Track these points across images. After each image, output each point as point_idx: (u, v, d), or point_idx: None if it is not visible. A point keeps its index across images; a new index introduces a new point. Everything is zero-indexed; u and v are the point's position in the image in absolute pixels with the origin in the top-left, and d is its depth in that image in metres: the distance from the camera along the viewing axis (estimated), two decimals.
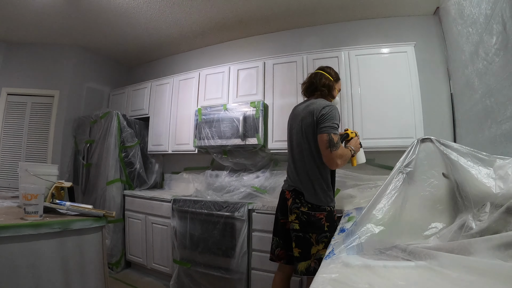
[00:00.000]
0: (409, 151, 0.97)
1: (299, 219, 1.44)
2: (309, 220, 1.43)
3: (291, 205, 1.49)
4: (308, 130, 1.49)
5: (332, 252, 0.83)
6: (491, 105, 1.43)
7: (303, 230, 1.42)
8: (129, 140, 2.98)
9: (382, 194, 0.91)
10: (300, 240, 1.43)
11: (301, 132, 1.53)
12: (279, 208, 1.61)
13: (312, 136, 1.48)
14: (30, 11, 2.63)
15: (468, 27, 1.65)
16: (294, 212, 1.46)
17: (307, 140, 1.50)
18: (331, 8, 2.54)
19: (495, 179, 0.81)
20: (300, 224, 1.43)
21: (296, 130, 1.57)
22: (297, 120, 1.58)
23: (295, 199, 1.48)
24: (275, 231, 1.63)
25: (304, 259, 1.41)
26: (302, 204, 1.45)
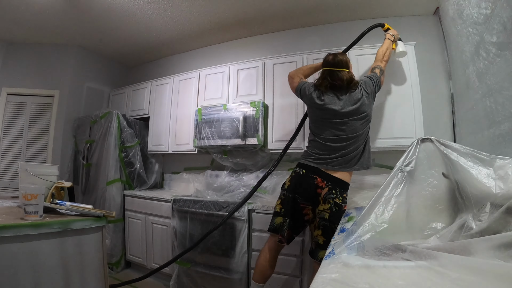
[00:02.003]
0: (409, 151, 0.97)
1: (331, 209, 1.47)
2: (339, 211, 1.47)
3: (326, 195, 1.49)
4: (358, 112, 1.56)
5: (332, 252, 0.83)
6: (490, 105, 1.43)
7: (331, 221, 1.45)
8: (129, 140, 2.98)
9: (382, 194, 0.91)
10: (327, 229, 1.46)
11: (349, 118, 1.55)
12: (299, 191, 1.56)
13: (364, 118, 1.59)
14: (30, 11, 2.63)
15: (468, 27, 1.65)
16: (329, 202, 1.48)
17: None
18: (331, 8, 2.54)
19: (495, 179, 0.81)
20: (331, 214, 1.46)
21: (339, 121, 1.56)
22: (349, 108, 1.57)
23: (331, 189, 1.50)
24: (287, 212, 1.57)
25: (326, 247, 1.45)
26: (337, 196, 1.49)
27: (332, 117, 1.57)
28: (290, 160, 2.64)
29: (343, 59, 1.64)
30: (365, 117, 1.59)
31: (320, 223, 1.49)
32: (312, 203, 1.54)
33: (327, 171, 1.55)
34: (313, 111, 1.66)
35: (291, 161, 2.63)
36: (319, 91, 1.63)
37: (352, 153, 1.56)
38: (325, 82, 1.61)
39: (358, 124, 1.56)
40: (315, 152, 1.59)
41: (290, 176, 1.64)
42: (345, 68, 1.62)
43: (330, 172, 1.54)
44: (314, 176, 1.55)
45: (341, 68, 1.61)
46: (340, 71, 1.60)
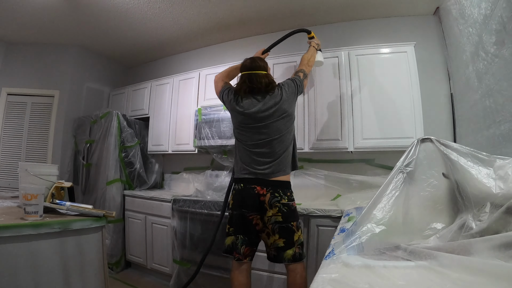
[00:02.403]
0: (409, 151, 0.97)
1: (281, 211, 1.48)
2: (290, 209, 1.50)
3: (271, 200, 1.49)
4: (281, 112, 1.56)
5: (332, 252, 0.83)
6: (490, 105, 1.43)
7: (286, 221, 1.48)
8: (129, 140, 2.98)
9: (382, 194, 0.91)
10: (284, 230, 1.48)
11: (272, 120, 1.55)
12: (244, 205, 1.54)
13: (287, 117, 1.59)
14: (30, 11, 2.63)
15: (469, 27, 1.65)
16: (276, 206, 1.48)
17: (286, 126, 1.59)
18: (331, 8, 2.54)
19: (495, 179, 0.81)
20: (283, 215, 1.48)
21: (262, 124, 1.56)
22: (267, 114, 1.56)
23: (273, 193, 1.50)
24: (238, 229, 1.54)
25: (290, 247, 1.47)
26: (282, 197, 1.50)
27: (253, 121, 1.56)
28: None
29: (260, 63, 1.65)
30: (286, 116, 1.58)
31: (274, 228, 1.48)
32: (259, 212, 1.52)
33: (264, 178, 1.53)
34: (235, 116, 1.64)
35: None
36: (239, 96, 1.63)
37: (282, 156, 1.56)
38: (244, 86, 1.61)
39: (280, 124, 1.56)
40: (246, 164, 1.58)
41: (232, 194, 1.63)
42: (264, 71, 1.63)
43: (267, 178, 1.53)
44: (253, 186, 1.53)
45: (262, 70, 1.62)
46: (258, 74, 1.60)
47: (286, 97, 1.58)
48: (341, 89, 2.24)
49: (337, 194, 2.28)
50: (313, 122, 2.30)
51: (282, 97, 1.57)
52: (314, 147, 2.27)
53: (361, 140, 2.13)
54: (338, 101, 2.23)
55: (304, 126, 2.32)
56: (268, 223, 1.50)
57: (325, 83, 2.31)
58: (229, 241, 1.55)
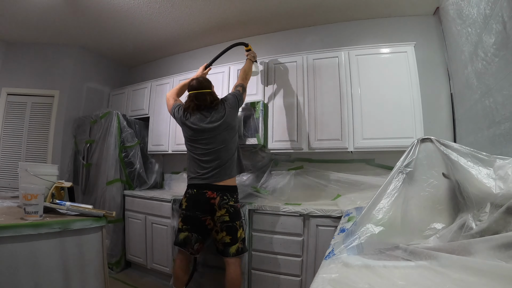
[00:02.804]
0: (409, 151, 0.97)
1: (229, 212, 1.73)
2: (236, 210, 1.77)
3: (220, 202, 1.72)
4: (224, 125, 1.80)
5: (332, 252, 0.83)
6: (490, 105, 1.43)
7: (232, 220, 1.74)
8: (129, 140, 2.98)
9: (382, 194, 0.91)
10: (230, 229, 1.74)
11: (217, 132, 1.78)
12: (197, 208, 1.75)
13: (230, 129, 1.83)
14: (30, 11, 2.63)
15: (467, 27, 1.65)
16: (224, 207, 1.72)
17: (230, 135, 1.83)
18: (331, 8, 2.54)
19: (495, 179, 0.81)
20: (230, 215, 1.73)
21: (209, 135, 1.78)
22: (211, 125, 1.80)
23: (223, 197, 1.73)
24: (192, 228, 1.76)
25: (234, 243, 1.74)
26: (229, 199, 1.74)
27: (202, 134, 1.78)
28: (290, 160, 2.64)
29: (205, 83, 1.88)
30: (230, 128, 1.83)
31: (222, 226, 1.73)
32: (210, 214, 1.73)
33: (214, 183, 1.74)
34: (186, 131, 1.86)
35: (291, 161, 2.63)
36: (187, 112, 1.85)
37: (228, 162, 1.79)
38: (192, 103, 1.83)
39: (225, 136, 1.80)
40: (197, 171, 1.79)
41: (185, 196, 1.82)
42: (208, 89, 1.87)
43: (217, 183, 1.74)
44: (205, 191, 1.73)
45: (205, 89, 1.85)
46: (203, 92, 1.83)
47: (229, 111, 1.83)
48: (341, 89, 2.24)
49: (337, 194, 2.28)
50: (313, 122, 2.30)
51: (225, 111, 1.82)
52: (314, 147, 2.27)
53: (361, 140, 2.13)
54: (338, 101, 2.23)
55: (304, 126, 2.32)
56: (217, 222, 1.74)
57: (325, 83, 2.31)
58: (182, 236, 1.77)
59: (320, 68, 2.34)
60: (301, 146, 2.30)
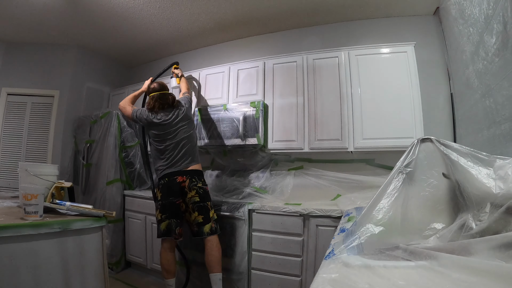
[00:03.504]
0: (409, 151, 0.97)
1: (198, 193, 1.92)
2: (205, 192, 1.96)
3: (190, 184, 1.92)
4: (186, 118, 2.11)
5: (332, 252, 0.83)
6: (490, 105, 1.43)
7: (202, 200, 1.92)
8: (129, 140, 2.98)
9: (382, 194, 0.91)
10: (202, 208, 1.91)
11: (180, 124, 2.06)
12: (171, 194, 1.92)
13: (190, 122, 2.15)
14: (30, 11, 2.63)
15: (469, 27, 1.65)
16: (194, 189, 1.92)
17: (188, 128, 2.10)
18: (331, 8, 2.54)
19: (495, 179, 0.81)
20: (200, 196, 1.92)
21: (175, 128, 2.04)
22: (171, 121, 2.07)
23: (191, 179, 1.94)
24: (170, 214, 1.92)
25: (207, 222, 1.89)
26: (198, 181, 1.95)
27: (169, 128, 2.03)
28: (290, 160, 2.64)
29: (165, 86, 2.21)
30: (190, 121, 2.16)
31: (194, 207, 1.91)
32: (182, 197, 1.92)
33: (183, 169, 1.97)
34: (153, 129, 2.06)
35: (291, 161, 2.63)
36: (153, 112, 2.08)
37: (192, 150, 2.06)
38: (157, 104, 2.07)
39: (187, 128, 2.09)
40: (164, 163, 1.99)
41: (158, 188, 2.01)
42: (168, 91, 2.20)
43: (185, 169, 1.97)
44: (175, 177, 1.94)
45: (167, 91, 2.18)
46: (165, 93, 2.14)
47: (186, 108, 2.17)
48: (341, 89, 2.24)
49: (337, 194, 2.28)
50: (313, 122, 2.30)
51: (185, 108, 2.15)
52: (314, 147, 2.27)
53: (361, 140, 2.13)
54: (338, 101, 2.23)
55: (304, 126, 2.32)
56: (189, 203, 1.91)
57: (325, 83, 2.31)
58: (163, 226, 1.91)
59: (320, 68, 2.34)
60: (301, 146, 2.30)
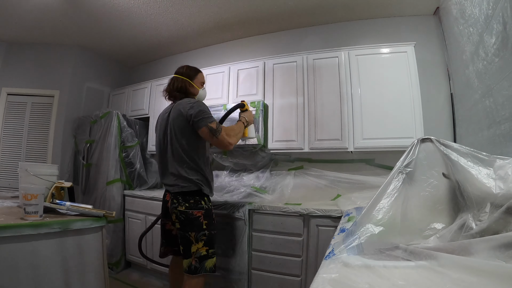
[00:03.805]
0: (409, 151, 0.97)
1: (178, 218, 1.50)
2: (187, 218, 1.48)
3: (170, 206, 1.53)
4: (180, 128, 1.53)
5: (332, 252, 0.83)
6: (490, 105, 1.43)
7: (183, 229, 1.49)
8: (129, 140, 2.98)
9: (382, 194, 0.91)
10: (182, 238, 1.50)
11: (173, 133, 1.55)
12: (162, 211, 1.69)
13: (186, 134, 1.53)
14: (30, 11, 2.63)
15: (469, 27, 1.65)
16: (174, 213, 1.51)
17: (180, 139, 1.53)
18: (331, 8, 2.54)
19: (495, 179, 0.81)
20: (180, 223, 1.50)
21: (167, 133, 1.60)
22: (165, 124, 1.63)
23: (173, 200, 1.52)
24: (161, 232, 1.72)
25: (186, 257, 1.48)
26: (180, 204, 1.49)
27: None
28: (290, 160, 2.64)
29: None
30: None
31: (179, 233, 1.53)
32: (169, 218, 1.60)
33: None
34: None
35: (291, 161, 2.63)
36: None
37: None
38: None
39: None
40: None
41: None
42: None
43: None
44: (166, 192, 1.62)
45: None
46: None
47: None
48: (341, 89, 2.24)
49: (337, 194, 2.28)
50: (313, 122, 2.30)
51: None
52: (314, 147, 2.27)
53: (361, 140, 2.13)
54: (338, 101, 2.23)
55: (304, 126, 2.32)
56: (174, 228, 1.57)
57: (325, 83, 2.31)
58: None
59: (320, 68, 2.34)
60: (301, 146, 2.30)
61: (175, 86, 1.66)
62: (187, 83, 1.67)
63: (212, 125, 1.47)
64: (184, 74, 1.69)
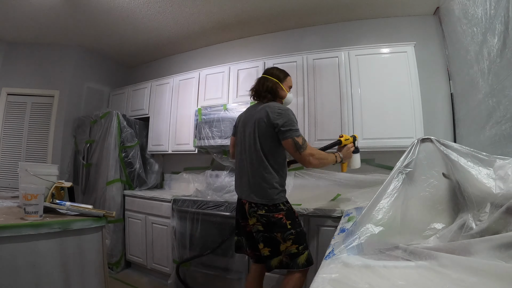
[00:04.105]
0: (409, 151, 0.97)
1: (260, 222, 1.45)
2: (269, 221, 1.43)
3: (249, 210, 1.48)
4: (264, 132, 1.48)
5: (332, 252, 0.83)
6: (492, 105, 1.43)
7: (268, 231, 1.44)
8: (129, 140, 2.98)
9: (382, 195, 0.91)
10: (268, 240, 1.44)
11: (256, 134, 1.51)
12: (238, 212, 1.63)
13: (268, 139, 1.48)
14: (30, 11, 2.63)
15: (473, 27, 1.64)
16: (254, 216, 1.46)
17: (259, 143, 1.49)
18: (331, 8, 2.54)
19: (495, 179, 0.81)
20: (263, 225, 1.44)
21: (249, 134, 1.55)
22: (250, 124, 1.56)
23: (251, 204, 1.48)
24: (238, 232, 1.66)
25: (276, 256, 1.44)
26: (259, 208, 1.45)
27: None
28: None
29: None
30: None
31: (258, 236, 1.46)
32: (246, 220, 1.53)
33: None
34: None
35: None
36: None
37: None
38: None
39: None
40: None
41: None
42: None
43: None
44: (239, 197, 1.59)
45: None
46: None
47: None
48: (341, 89, 2.24)
49: (337, 194, 2.28)
50: (313, 122, 2.30)
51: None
52: (314, 147, 2.26)
53: (361, 140, 2.13)
54: (338, 101, 2.23)
55: (304, 126, 2.32)
56: (253, 231, 1.49)
57: (325, 83, 2.31)
58: (236, 239, 1.67)
59: (320, 68, 2.34)
60: None
61: (265, 86, 1.59)
62: (278, 85, 1.60)
63: (298, 139, 1.43)
64: (274, 75, 1.62)
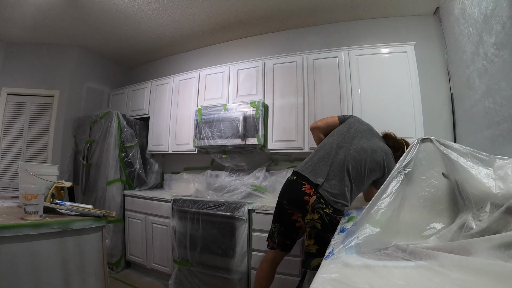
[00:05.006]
0: (409, 151, 0.97)
1: (322, 219, 1.39)
2: (331, 222, 1.39)
3: (315, 204, 1.41)
4: (372, 167, 1.51)
5: (332, 252, 0.83)
6: (489, 105, 1.43)
7: (324, 230, 1.39)
8: (129, 140, 2.98)
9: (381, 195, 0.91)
10: (321, 239, 1.40)
11: (365, 155, 1.50)
12: (287, 197, 1.52)
13: (370, 173, 1.51)
14: (30, 11, 2.63)
15: (469, 27, 1.65)
16: (318, 212, 1.40)
17: (365, 166, 1.50)
18: (331, 8, 2.54)
19: (495, 179, 0.81)
20: (323, 224, 1.39)
21: (361, 145, 1.54)
22: (367, 140, 1.56)
23: (320, 199, 1.41)
24: (276, 218, 1.57)
25: (320, 256, 1.37)
26: (327, 206, 1.40)
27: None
28: (290, 160, 2.64)
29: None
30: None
31: (312, 232, 1.42)
32: (300, 211, 1.46)
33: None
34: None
35: (290, 161, 2.63)
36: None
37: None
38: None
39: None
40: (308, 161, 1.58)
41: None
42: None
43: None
44: (303, 182, 1.47)
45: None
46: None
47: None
48: (341, 89, 2.24)
49: None
50: (313, 122, 2.29)
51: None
52: (314, 147, 2.26)
53: None
54: (338, 101, 2.23)
55: (304, 126, 2.32)
56: (307, 225, 1.44)
57: (325, 83, 2.31)
58: (271, 227, 1.60)
59: (320, 68, 2.34)
60: (301, 146, 2.30)
61: (394, 141, 1.71)
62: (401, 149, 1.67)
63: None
64: (402, 150, 1.66)
